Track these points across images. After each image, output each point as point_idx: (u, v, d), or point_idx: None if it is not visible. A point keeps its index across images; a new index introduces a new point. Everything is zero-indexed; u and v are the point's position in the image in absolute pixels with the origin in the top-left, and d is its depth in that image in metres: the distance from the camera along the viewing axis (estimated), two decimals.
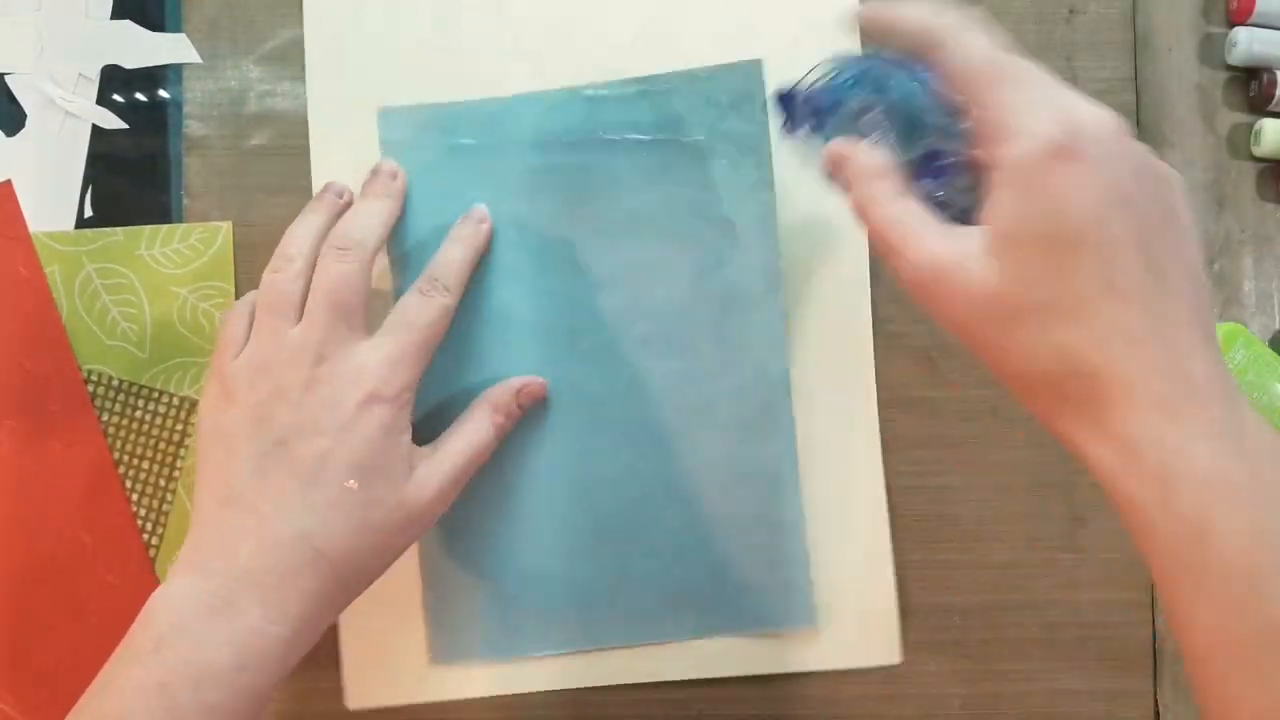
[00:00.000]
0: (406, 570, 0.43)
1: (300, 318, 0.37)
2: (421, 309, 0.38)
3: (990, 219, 0.29)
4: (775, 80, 0.43)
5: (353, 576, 0.36)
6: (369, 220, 0.40)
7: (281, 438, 0.35)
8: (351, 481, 0.35)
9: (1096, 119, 0.29)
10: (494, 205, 0.43)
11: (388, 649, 0.43)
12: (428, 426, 0.41)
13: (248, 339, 0.38)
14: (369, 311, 0.39)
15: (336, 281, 0.37)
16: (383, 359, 0.37)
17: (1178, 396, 0.27)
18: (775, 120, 0.38)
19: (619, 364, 0.43)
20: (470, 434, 0.40)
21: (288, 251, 0.38)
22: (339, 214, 0.41)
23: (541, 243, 0.43)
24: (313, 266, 0.38)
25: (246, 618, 0.33)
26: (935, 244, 0.30)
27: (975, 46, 0.31)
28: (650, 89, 0.43)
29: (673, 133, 0.43)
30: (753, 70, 0.43)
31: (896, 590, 0.43)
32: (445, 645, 0.43)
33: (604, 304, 0.43)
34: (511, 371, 0.43)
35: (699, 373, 0.43)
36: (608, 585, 0.43)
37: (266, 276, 0.38)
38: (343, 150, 0.44)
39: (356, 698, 0.43)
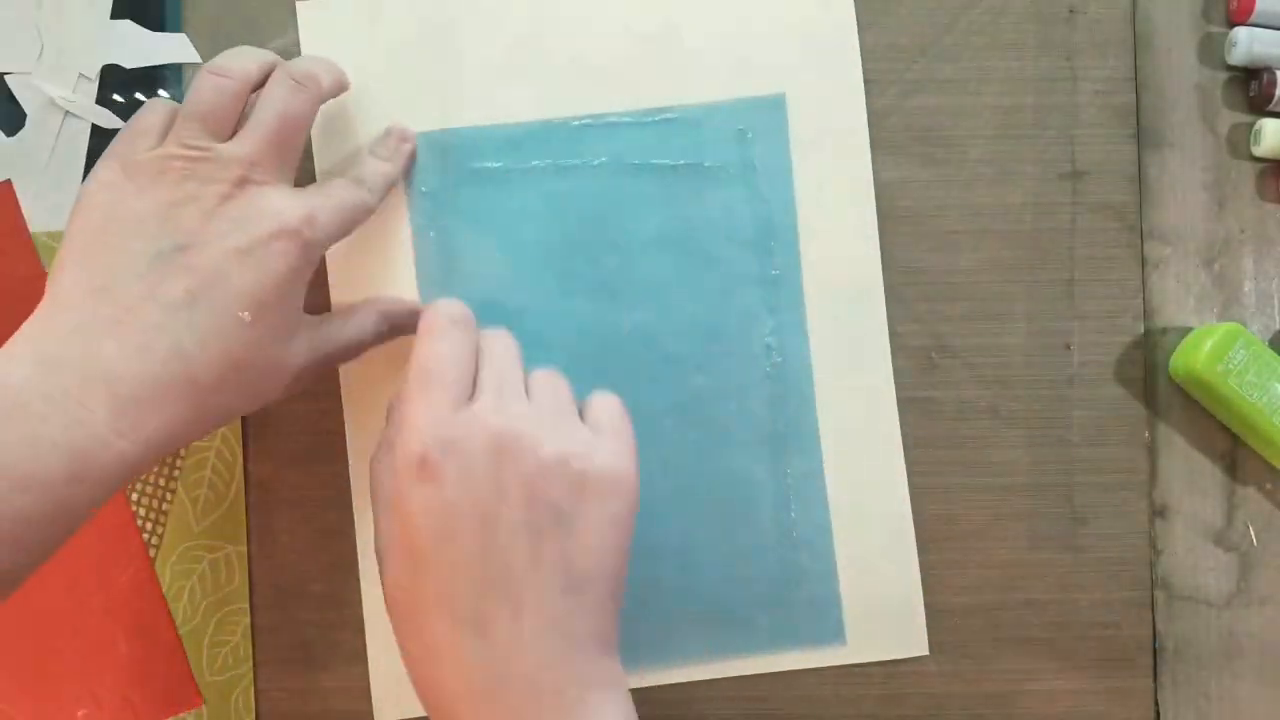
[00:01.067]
0: None
1: (229, 136, 0.35)
2: (346, 190, 0.38)
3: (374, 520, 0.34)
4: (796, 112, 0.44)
5: (213, 411, 0.33)
6: (330, 65, 0.39)
7: (184, 244, 0.32)
8: (245, 313, 0.32)
9: (462, 437, 0.31)
10: (518, 228, 0.44)
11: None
12: None
13: (162, 136, 0.35)
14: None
15: (285, 111, 0.35)
16: (305, 204, 0.35)
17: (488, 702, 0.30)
18: None
19: (645, 383, 0.43)
20: (353, 329, 0.39)
21: (232, 64, 0.36)
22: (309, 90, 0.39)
23: (566, 265, 0.44)
24: (249, 88, 0.36)
25: (92, 425, 0.30)
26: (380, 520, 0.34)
27: (429, 348, 0.33)
28: (674, 117, 0.44)
29: (696, 159, 0.44)
30: (776, 104, 0.44)
31: (921, 582, 0.44)
32: None
33: (630, 324, 0.43)
34: None
35: (725, 390, 0.44)
36: (635, 606, 0.43)
37: (204, 79, 0.35)
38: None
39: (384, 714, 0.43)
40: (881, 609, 0.43)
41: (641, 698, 0.43)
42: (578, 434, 0.33)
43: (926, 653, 0.44)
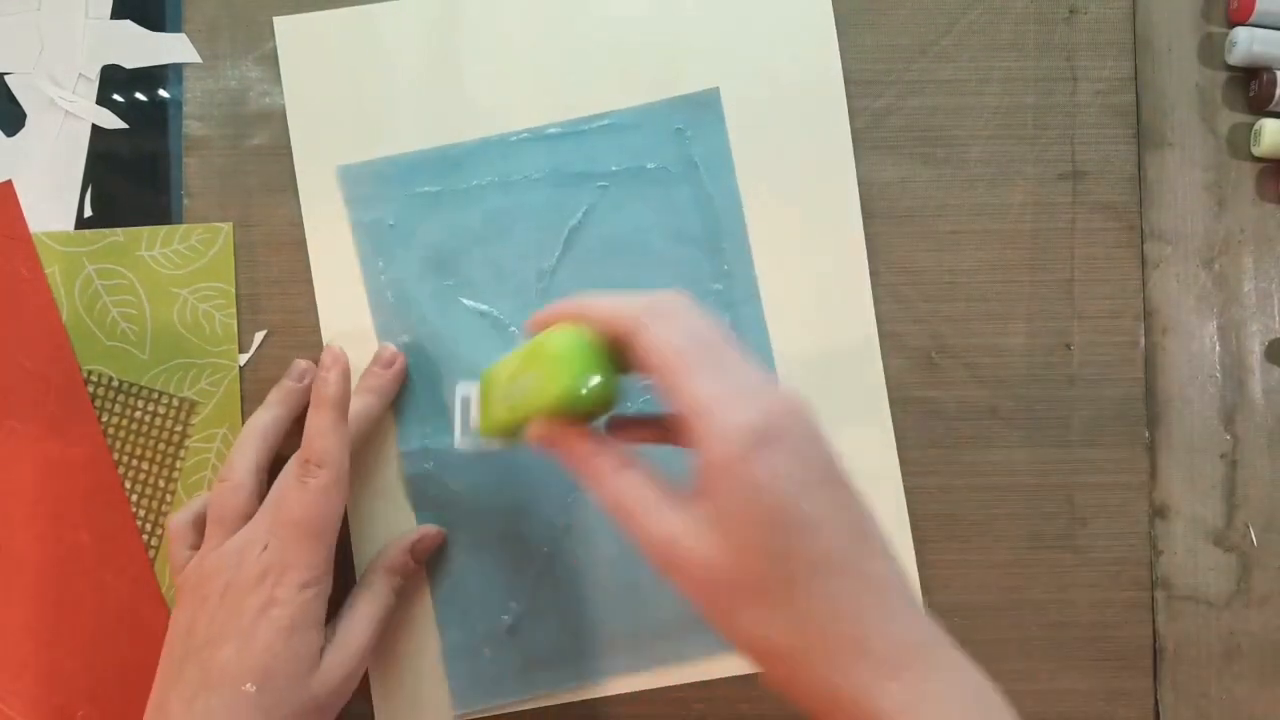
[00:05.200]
0: (424, 624, 0.43)
1: (241, 524, 0.39)
2: (300, 499, 0.38)
3: (705, 503, 0.30)
4: (733, 104, 0.44)
5: None
6: (335, 436, 0.39)
7: (199, 645, 0.36)
8: (249, 685, 0.35)
9: (788, 402, 0.30)
10: (464, 248, 0.44)
11: (415, 702, 0.43)
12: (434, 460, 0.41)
13: (195, 539, 0.40)
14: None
15: (289, 504, 0.38)
16: (273, 562, 0.37)
17: (896, 660, 0.29)
18: None
19: None
20: (370, 607, 0.40)
21: (232, 459, 0.40)
22: (298, 402, 0.42)
23: (518, 280, 0.44)
24: (255, 472, 0.40)
25: None
26: (669, 517, 0.30)
27: (661, 337, 0.30)
28: (611, 124, 0.44)
29: (637, 162, 0.44)
30: (711, 98, 0.44)
31: (918, 577, 0.43)
32: (465, 695, 0.43)
33: None
34: None
35: None
36: (621, 614, 0.43)
37: (215, 484, 0.40)
38: (330, 204, 0.44)
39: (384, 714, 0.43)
40: None
41: (640, 700, 0.43)
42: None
43: None
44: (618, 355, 0.32)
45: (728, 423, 0.29)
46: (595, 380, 0.31)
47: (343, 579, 0.43)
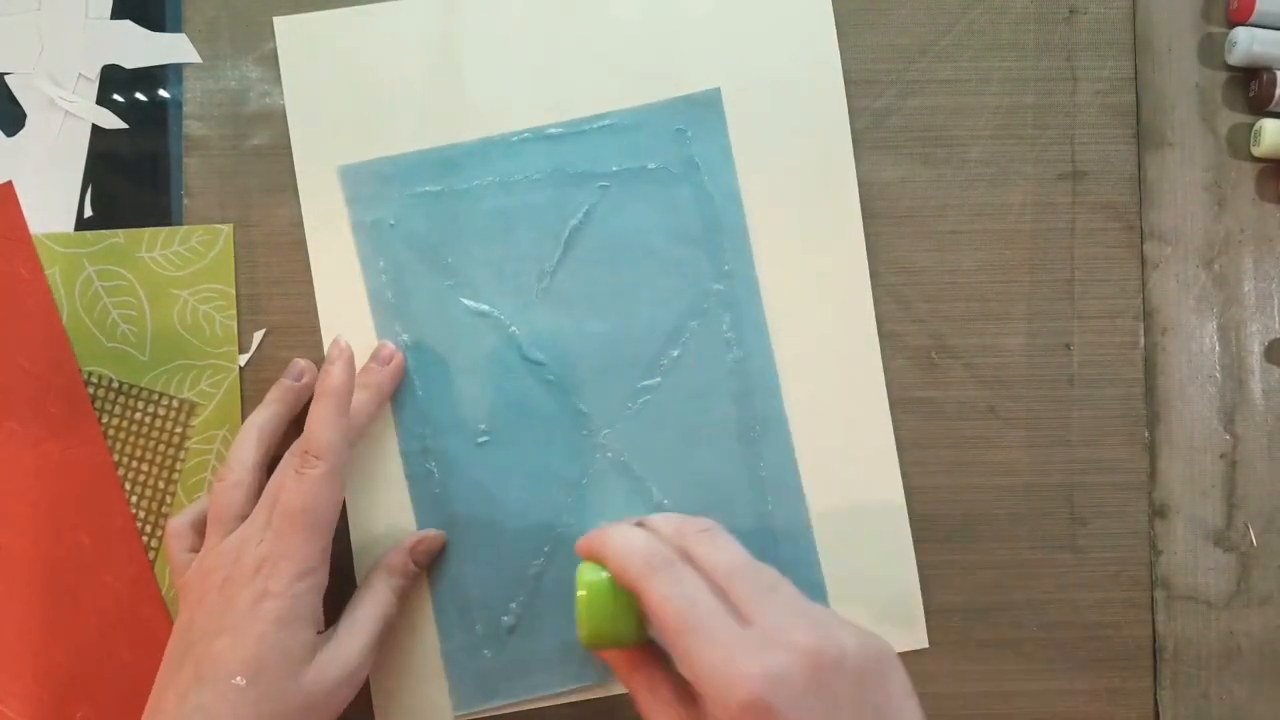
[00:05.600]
0: (424, 624, 0.43)
1: (240, 522, 0.39)
2: (297, 489, 0.37)
3: None
4: (734, 104, 0.44)
5: None
6: (335, 428, 0.39)
7: (195, 640, 0.36)
8: (239, 679, 0.35)
9: (793, 659, 0.29)
10: (464, 249, 0.44)
11: (415, 703, 0.43)
12: (436, 461, 0.41)
13: (194, 541, 0.40)
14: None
15: (286, 495, 0.37)
16: (269, 554, 0.37)
17: None
18: None
19: (612, 391, 0.43)
20: (369, 609, 0.40)
21: (231, 458, 0.40)
22: (297, 400, 0.42)
23: (519, 281, 0.44)
24: (254, 470, 0.40)
25: None
26: None
27: (661, 596, 0.31)
28: (612, 124, 0.44)
29: (638, 162, 0.44)
30: (712, 98, 0.44)
31: (919, 576, 0.44)
32: (466, 695, 0.43)
33: (591, 334, 0.43)
34: (509, 412, 0.43)
35: (691, 389, 0.44)
36: None
37: (214, 483, 0.40)
38: (330, 204, 0.44)
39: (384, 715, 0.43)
40: (875, 600, 0.43)
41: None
42: (840, 621, 0.32)
43: (926, 645, 0.44)
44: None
45: (722, 700, 0.29)
46: (603, 631, 0.34)
47: (343, 581, 0.43)
